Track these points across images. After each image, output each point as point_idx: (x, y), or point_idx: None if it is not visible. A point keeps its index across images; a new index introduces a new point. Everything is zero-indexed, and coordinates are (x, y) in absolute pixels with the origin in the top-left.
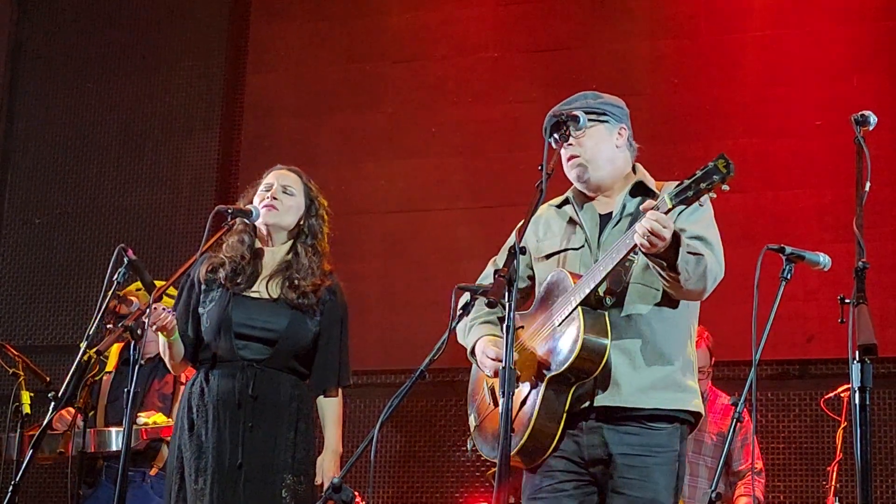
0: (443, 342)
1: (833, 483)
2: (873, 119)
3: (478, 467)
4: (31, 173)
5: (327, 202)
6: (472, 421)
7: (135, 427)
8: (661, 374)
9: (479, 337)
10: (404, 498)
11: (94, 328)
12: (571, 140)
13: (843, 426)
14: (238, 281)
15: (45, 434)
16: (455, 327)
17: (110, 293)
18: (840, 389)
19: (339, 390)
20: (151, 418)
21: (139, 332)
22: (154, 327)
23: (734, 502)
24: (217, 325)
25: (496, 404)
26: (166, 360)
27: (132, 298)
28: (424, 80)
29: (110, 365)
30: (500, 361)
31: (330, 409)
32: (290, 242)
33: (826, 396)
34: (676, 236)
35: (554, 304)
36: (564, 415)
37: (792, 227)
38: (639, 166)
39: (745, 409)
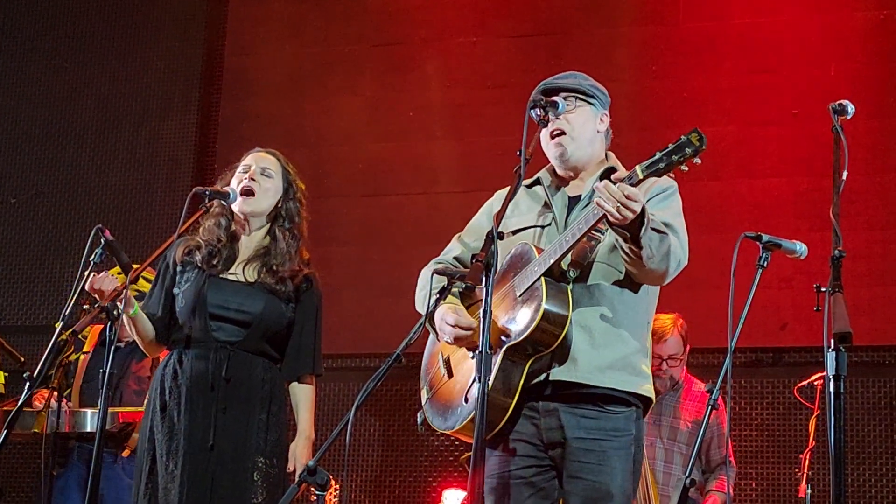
0: (419, 326)
1: (805, 471)
2: (851, 108)
3: (452, 451)
4: (6, 153)
5: (305, 185)
6: (424, 394)
7: (112, 410)
8: (619, 354)
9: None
10: (378, 481)
11: (69, 309)
12: (552, 117)
13: (815, 414)
14: (214, 263)
15: (21, 412)
16: (432, 311)
17: (86, 274)
18: (813, 377)
19: (313, 377)
20: (126, 409)
21: (115, 313)
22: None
23: (705, 497)
24: (192, 305)
25: (450, 376)
26: (136, 340)
27: None
28: (403, 64)
29: (88, 345)
30: (459, 328)
31: (304, 395)
32: (268, 226)
33: (799, 384)
34: (643, 211)
35: (517, 275)
36: (519, 389)
37: (767, 215)
38: (612, 154)
39: (720, 397)
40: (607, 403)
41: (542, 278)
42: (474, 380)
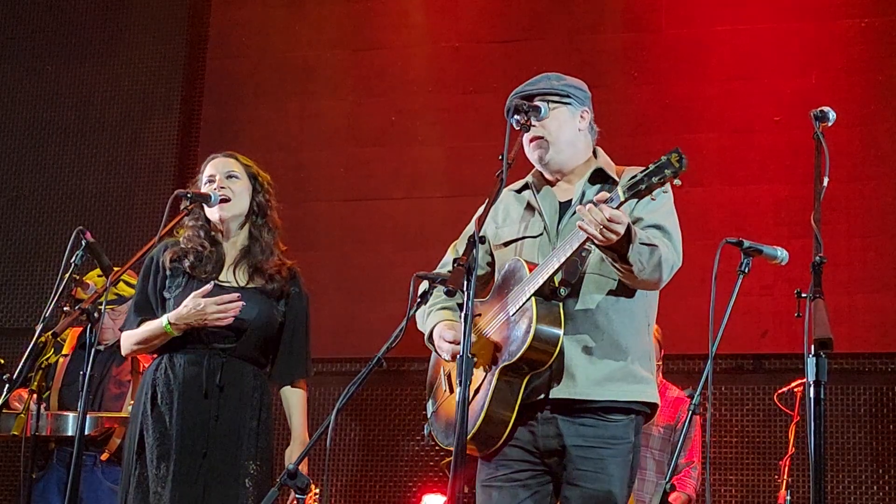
0: (400, 330)
1: (785, 477)
2: (832, 115)
3: (432, 456)
4: None
5: (286, 189)
6: (429, 407)
7: (97, 415)
8: (616, 365)
9: (436, 322)
10: (359, 486)
11: (50, 311)
12: (534, 122)
13: (795, 421)
14: (206, 269)
15: (1, 414)
16: (413, 315)
17: (68, 276)
18: (794, 384)
19: (305, 381)
20: (110, 414)
21: (96, 315)
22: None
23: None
24: None
25: (452, 391)
26: (140, 347)
27: (89, 282)
28: (385, 69)
29: (66, 348)
30: (457, 345)
31: (296, 399)
32: (246, 226)
33: (780, 391)
34: (629, 229)
35: (510, 293)
36: (518, 404)
37: (748, 222)
38: (600, 151)
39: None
40: (608, 413)
41: (533, 298)
42: (472, 396)
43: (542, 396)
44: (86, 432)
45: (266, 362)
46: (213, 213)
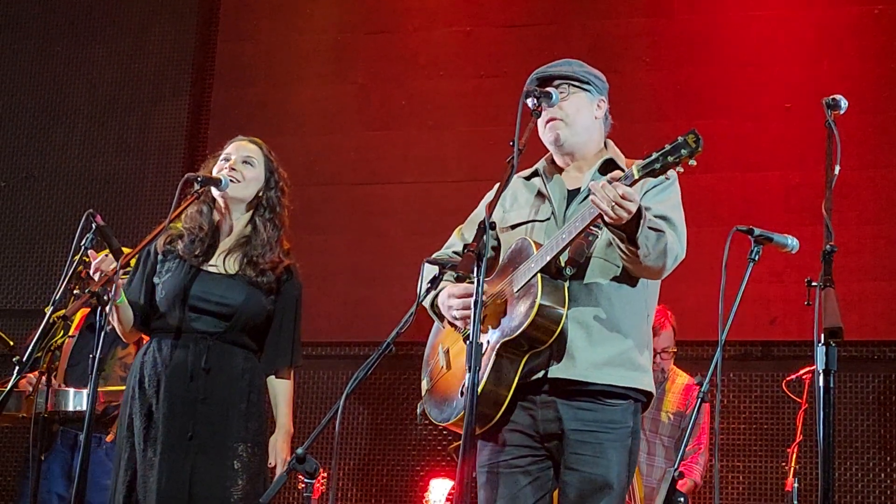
0: (409, 315)
1: (793, 464)
2: (844, 103)
3: (440, 441)
4: None
5: (296, 172)
6: (424, 385)
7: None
8: (616, 350)
9: (440, 288)
10: (366, 470)
11: (60, 293)
12: (546, 107)
13: (803, 408)
14: (196, 253)
15: (10, 396)
16: (423, 300)
17: (77, 258)
18: (802, 371)
19: (292, 371)
20: (107, 388)
21: (105, 298)
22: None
23: None
24: (172, 297)
25: (449, 367)
26: (116, 327)
27: None
28: (396, 53)
29: (73, 329)
30: (468, 297)
31: (282, 389)
32: (249, 215)
33: (788, 378)
34: (639, 210)
35: (515, 270)
36: (514, 384)
37: (758, 209)
38: (610, 143)
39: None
40: (606, 397)
41: (539, 275)
42: None
43: (541, 375)
44: (83, 407)
45: (258, 348)
46: (216, 192)
